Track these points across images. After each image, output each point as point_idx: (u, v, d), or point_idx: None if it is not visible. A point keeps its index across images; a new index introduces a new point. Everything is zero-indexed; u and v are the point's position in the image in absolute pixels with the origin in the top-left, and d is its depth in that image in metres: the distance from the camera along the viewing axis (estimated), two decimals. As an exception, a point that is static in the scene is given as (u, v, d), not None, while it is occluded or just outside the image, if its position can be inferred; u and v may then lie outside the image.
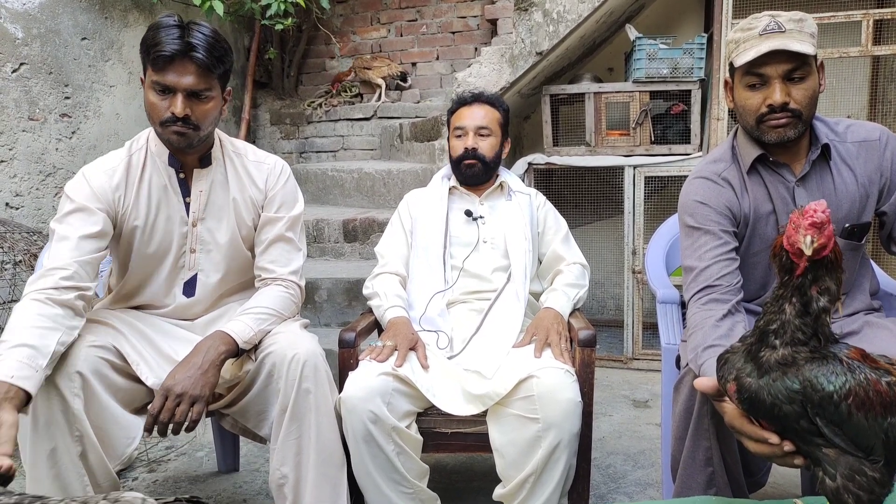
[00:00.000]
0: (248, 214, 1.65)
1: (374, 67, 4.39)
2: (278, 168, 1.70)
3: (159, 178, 1.57)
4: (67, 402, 1.33)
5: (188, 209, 1.59)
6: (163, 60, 1.42)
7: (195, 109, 1.47)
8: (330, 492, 1.51)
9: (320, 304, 2.88)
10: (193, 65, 1.44)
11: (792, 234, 0.88)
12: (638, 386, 2.95)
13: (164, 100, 1.46)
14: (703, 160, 1.58)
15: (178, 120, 1.45)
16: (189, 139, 1.49)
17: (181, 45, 1.42)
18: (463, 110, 1.97)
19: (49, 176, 3.05)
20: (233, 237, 1.64)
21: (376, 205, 3.65)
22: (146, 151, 1.58)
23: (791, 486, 1.97)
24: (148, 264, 1.60)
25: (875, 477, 0.87)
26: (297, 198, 1.74)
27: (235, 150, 1.68)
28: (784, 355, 0.90)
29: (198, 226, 1.60)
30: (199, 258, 1.63)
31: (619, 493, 2.02)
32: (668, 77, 3.02)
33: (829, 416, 0.87)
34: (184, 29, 1.44)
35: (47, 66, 3.01)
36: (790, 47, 1.32)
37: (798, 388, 0.87)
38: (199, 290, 1.65)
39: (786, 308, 0.90)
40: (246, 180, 1.65)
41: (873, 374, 0.88)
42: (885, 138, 1.48)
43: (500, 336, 1.78)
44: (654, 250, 2.12)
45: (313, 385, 1.49)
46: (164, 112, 1.46)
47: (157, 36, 1.43)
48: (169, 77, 1.43)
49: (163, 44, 1.41)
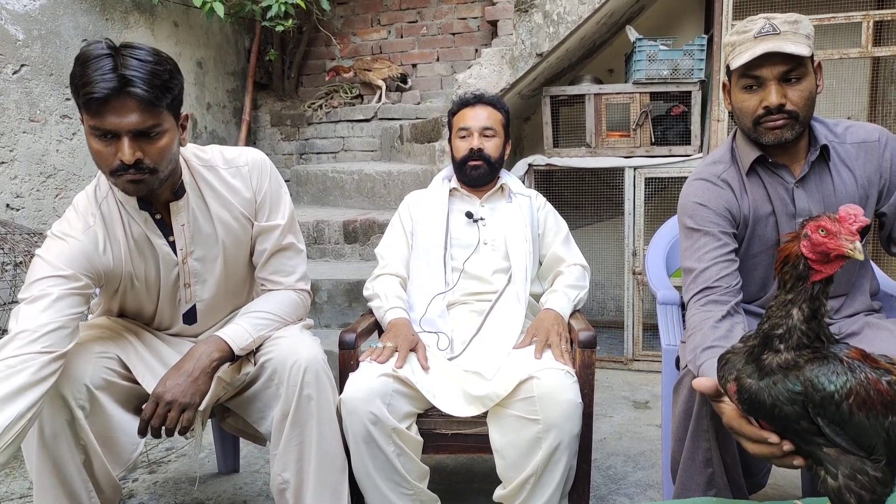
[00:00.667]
0: (242, 231, 1.55)
1: (375, 69, 4.39)
2: (258, 165, 1.55)
3: (136, 226, 1.43)
4: (73, 413, 1.34)
5: (174, 248, 1.48)
6: (95, 103, 1.20)
7: (147, 150, 1.27)
8: (331, 497, 1.51)
9: (321, 306, 2.88)
10: (133, 101, 1.22)
11: (823, 241, 0.86)
12: (638, 387, 2.95)
13: (109, 146, 1.26)
14: (703, 162, 1.58)
15: (129, 167, 1.26)
16: (147, 184, 1.31)
17: (115, 80, 1.20)
18: (466, 111, 1.97)
19: (49, 177, 3.05)
20: (226, 261, 1.56)
21: (377, 206, 3.65)
22: (115, 200, 1.42)
23: (791, 488, 1.97)
24: (144, 303, 1.56)
25: (877, 476, 0.87)
26: (284, 194, 1.60)
27: (204, 163, 1.51)
28: (787, 359, 0.90)
29: (188, 261, 1.50)
30: (195, 290, 1.56)
31: (619, 495, 2.02)
32: (668, 78, 3.02)
33: (830, 415, 0.87)
34: (115, 57, 1.22)
35: (48, 67, 3.01)
36: (785, 49, 1.32)
37: (799, 389, 0.87)
38: (201, 317, 1.61)
39: (793, 313, 0.90)
40: (228, 195, 1.51)
41: (874, 373, 0.89)
42: (884, 139, 1.48)
43: (500, 337, 1.78)
44: (654, 251, 2.12)
45: (315, 391, 1.47)
46: (111, 160, 1.26)
47: (86, 73, 1.21)
48: (108, 120, 1.22)
49: (93, 83, 1.19)
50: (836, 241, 0.86)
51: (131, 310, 1.59)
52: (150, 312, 1.58)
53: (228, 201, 1.52)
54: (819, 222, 0.88)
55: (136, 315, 1.61)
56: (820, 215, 0.88)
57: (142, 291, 1.52)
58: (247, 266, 1.65)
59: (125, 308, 1.59)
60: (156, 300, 1.55)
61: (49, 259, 1.34)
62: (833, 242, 0.86)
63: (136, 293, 1.52)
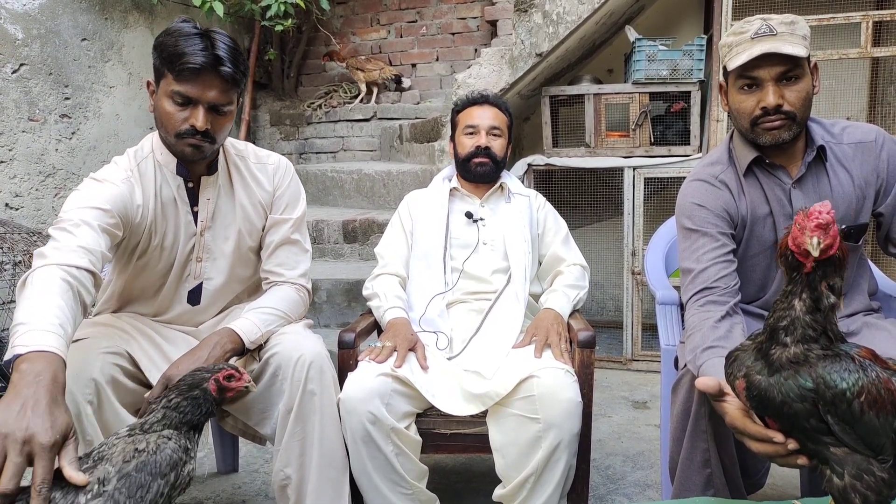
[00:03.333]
0: (257, 219, 1.64)
1: (367, 70, 4.39)
2: (283, 167, 1.68)
3: (168, 189, 1.53)
4: (80, 407, 1.34)
5: (196, 218, 1.57)
6: (189, 72, 1.36)
7: (214, 123, 1.43)
8: (332, 493, 1.51)
9: (320, 305, 2.88)
10: (220, 79, 1.38)
11: (798, 235, 0.89)
12: (637, 387, 2.95)
13: (184, 111, 1.40)
14: (700, 163, 1.59)
15: (196, 133, 1.41)
16: (204, 152, 1.46)
17: (209, 57, 1.36)
18: (473, 109, 1.98)
19: (49, 177, 3.05)
20: (239, 244, 1.62)
21: (376, 206, 3.65)
22: (154, 161, 1.53)
23: (790, 488, 1.97)
24: (153, 274, 1.59)
25: (883, 477, 0.87)
26: (301, 196, 1.72)
27: (238, 152, 1.65)
28: (796, 353, 0.89)
29: (205, 234, 1.58)
30: (204, 267, 1.61)
31: (618, 495, 2.02)
32: (667, 78, 3.03)
33: (840, 413, 0.87)
34: (207, 39, 1.38)
35: (47, 66, 3.01)
36: (782, 50, 1.33)
37: (811, 386, 0.87)
38: (205, 298, 1.64)
39: (795, 304, 0.90)
40: (252, 184, 1.63)
41: (885, 373, 0.89)
42: (881, 140, 1.48)
43: (499, 337, 1.78)
44: (653, 251, 2.12)
45: (318, 387, 1.49)
46: (180, 124, 1.41)
47: (180, 45, 1.36)
48: (193, 89, 1.38)
49: (189, 55, 1.35)
50: (802, 237, 0.88)
51: (137, 288, 1.60)
52: (156, 288, 1.60)
53: (251, 189, 1.63)
54: (797, 217, 0.90)
55: (140, 294, 1.62)
56: (807, 209, 0.90)
57: (154, 258, 1.55)
58: (255, 261, 1.70)
59: (132, 285, 1.59)
60: (167, 272, 1.58)
61: (89, 195, 1.40)
62: (800, 237, 0.88)
63: (149, 262, 1.55)
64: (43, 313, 1.13)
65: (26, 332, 1.09)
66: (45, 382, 1.02)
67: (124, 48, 3.41)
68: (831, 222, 0.87)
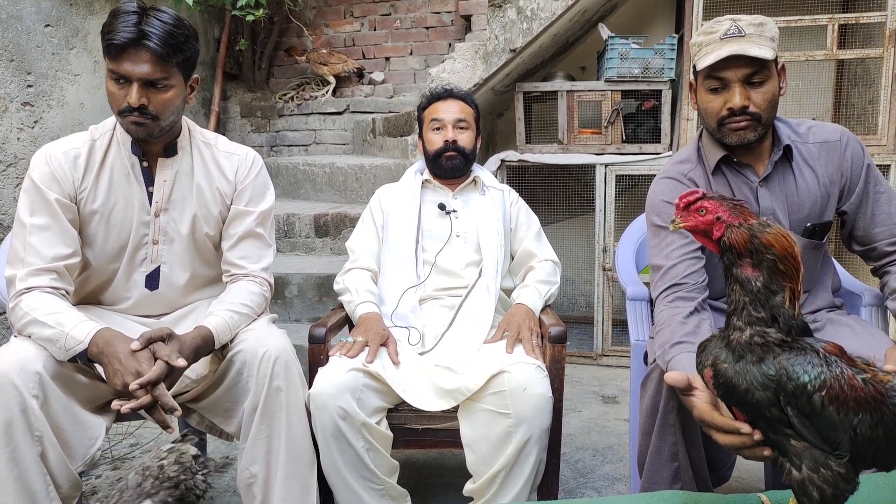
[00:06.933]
0: (214, 206, 1.62)
1: (330, 63, 4.35)
2: (249, 159, 1.67)
3: (122, 165, 1.54)
4: (26, 401, 1.30)
5: (151, 199, 1.56)
6: (115, 48, 1.39)
7: (152, 99, 1.44)
8: (299, 490, 1.49)
9: (290, 300, 2.85)
10: (148, 52, 1.40)
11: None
12: (607, 382, 2.98)
13: (122, 89, 1.44)
14: (670, 161, 1.60)
15: (133, 110, 1.43)
16: (148, 129, 1.47)
17: (134, 32, 1.38)
18: (438, 104, 1.98)
19: (10, 166, 2.96)
20: (194, 227, 1.60)
21: (348, 200, 3.62)
22: (111, 137, 1.56)
23: (754, 481, 2.01)
24: (106, 253, 1.56)
25: (840, 472, 0.87)
26: (268, 191, 1.70)
27: (205, 140, 1.64)
28: (751, 335, 0.90)
29: (161, 216, 1.57)
30: (161, 249, 1.59)
31: (587, 488, 2.04)
32: (639, 77, 3.05)
33: (801, 406, 0.87)
34: (141, 15, 1.41)
35: (9, 53, 2.92)
36: (749, 52, 1.34)
37: (773, 373, 0.88)
38: (163, 283, 1.61)
39: (735, 289, 0.93)
40: (214, 171, 1.62)
41: (850, 369, 0.89)
42: (845, 139, 1.51)
43: (471, 332, 1.78)
44: (624, 248, 2.14)
45: (284, 383, 1.47)
46: (121, 101, 1.44)
47: (113, 23, 1.40)
48: (123, 66, 1.41)
49: (116, 31, 1.39)
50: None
51: (95, 266, 1.57)
52: (111, 272, 1.58)
53: (211, 175, 1.62)
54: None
55: (95, 278, 1.59)
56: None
57: (101, 231, 1.54)
58: (214, 254, 1.67)
59: (90, 264, 1.57)
60: (120, 252, 1.56)
61: (35, 177, 1.52)
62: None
63: (96, 235, 1.54)
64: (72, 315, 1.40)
65: (73, 326, 1.37)
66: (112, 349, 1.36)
67: (90, 35, 3.32)
68: (693, 203, 0.97)
